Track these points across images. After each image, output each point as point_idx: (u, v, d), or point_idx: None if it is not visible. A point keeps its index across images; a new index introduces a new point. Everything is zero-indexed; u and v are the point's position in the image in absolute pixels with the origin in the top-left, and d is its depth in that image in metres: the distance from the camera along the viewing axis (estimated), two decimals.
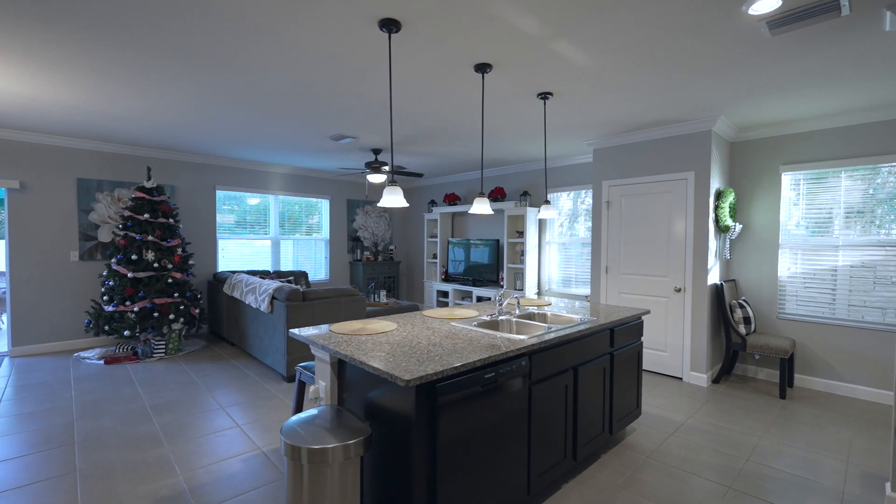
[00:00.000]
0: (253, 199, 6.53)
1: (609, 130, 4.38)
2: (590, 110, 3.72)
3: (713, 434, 3.04)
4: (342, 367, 2.03)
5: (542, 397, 2.13)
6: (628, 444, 2.85)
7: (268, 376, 4.18)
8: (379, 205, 2.29)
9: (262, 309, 4.24)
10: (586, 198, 5.72)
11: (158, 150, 5.56)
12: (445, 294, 7.17)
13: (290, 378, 4.00)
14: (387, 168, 5.32)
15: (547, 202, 3.39)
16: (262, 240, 6.64)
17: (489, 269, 6.49)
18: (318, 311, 4.16)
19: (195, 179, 5.96)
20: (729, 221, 4.11)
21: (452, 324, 2.47)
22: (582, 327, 2.40)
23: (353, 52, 2.59)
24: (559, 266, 6.07)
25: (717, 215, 4.07)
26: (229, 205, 6.32)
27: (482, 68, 2.79)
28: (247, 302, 4.59)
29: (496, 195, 6.39)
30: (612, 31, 2.33)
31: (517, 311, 2.83)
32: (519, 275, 6.20)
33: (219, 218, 6.21)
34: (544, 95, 3.31)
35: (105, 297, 4.72)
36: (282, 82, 3.12)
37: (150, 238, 4.84)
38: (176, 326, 4.89)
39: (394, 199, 2.27)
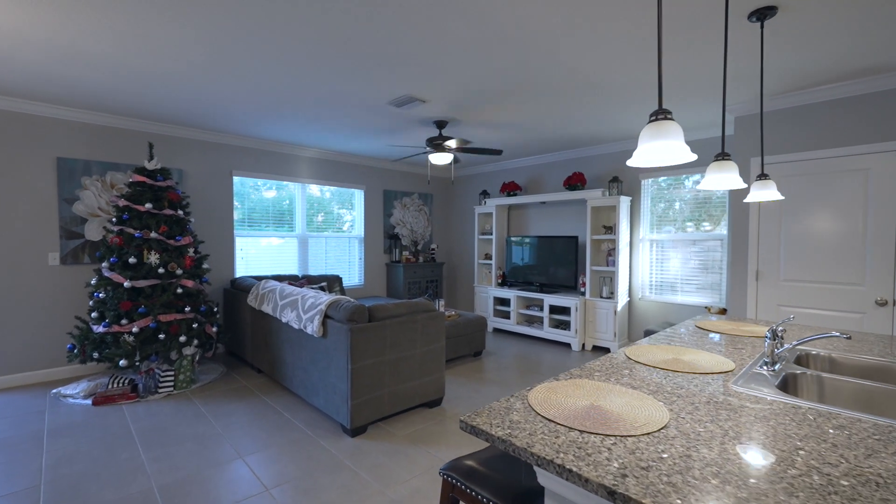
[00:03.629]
0: (270, 192, 5.35)
1: (777, 87, 3.24)
2: (797, 45, 2.57)
3: None
4: None
5: None
6: None
7: (320, 425, 3.02)
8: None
9: (309, 331, 3.08)
10: (687, 184, 4.58)
11: (161, 124, 4.38)
12: (505, 302, 6.02)
13: (355, 431, 2.84)
14: (453, 144, 4.17)
15: (764, 176, 2.23)
16: (287, 238, 5.47)
17: (564, 271, 5.34)
18: (391, 335, 3.00)
19: (207, 162, 4.78)
20: None
21: (735, 388, 1.32)
22: None
23: None
24: (653, 268, 4.93)
25: None
26: (248, 194, 5.14)
27: None
28: (284, 320, 3.43)
29: (574, 182, 5.24)
30: None
31: (778, 349, 1.69)
32: (606, 279, 5.06)
33: (236, 210, 5.04)
34: (763, 13, 2.16)
35: (94, 314, 3.55)
36: None
37: (153, 235, 3.67)
38: (188, 351, 3.72)
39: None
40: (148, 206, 3.69)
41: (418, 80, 3.15)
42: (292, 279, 5.12)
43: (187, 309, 3.77)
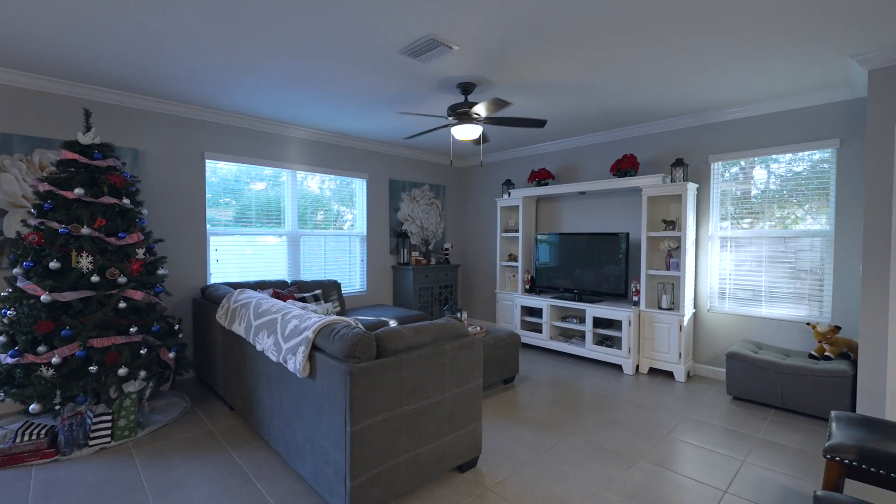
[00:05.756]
0: (257, 183, 4.40)
1: None
2: None
3: None
4: None
5: None
6: None
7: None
8: None
9: (290, 368, 2.13)
10: (769, 167, 3.61)
11: (108, 90, 3.43)
12: (535, 312, 5.06)
13: None
14: (482, 111, 3.22)
15: None
16: (275, 236, 4.52)
17: (610, 276, 4.39)
18: (410, 377, 2.05)
19: (172, 141, 3.83)
20: None
21: None
22: None
23: None
24: (726, 272, 3.97)
25: None
26: (227, 182, 4.19)
27: None
28: (259, 347, 2.48)
29: (625, 167, 4.29)
30: None
31: None
32: (667, 286, 4.10)
33: (210, 201, 4.08)
34: None
35: (2, 338, 2.61)
36: None
37: (84, 231, 2.72)
38: (131, 387, 2.77)
39: None
40: (78, 191, 2.74)
41: (446, 11, 2.20)
42: (279, 286, 4.18)
43: (133, 329, 2.82)
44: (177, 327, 3.22)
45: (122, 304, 2.78)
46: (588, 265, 4.57)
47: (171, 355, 3.01)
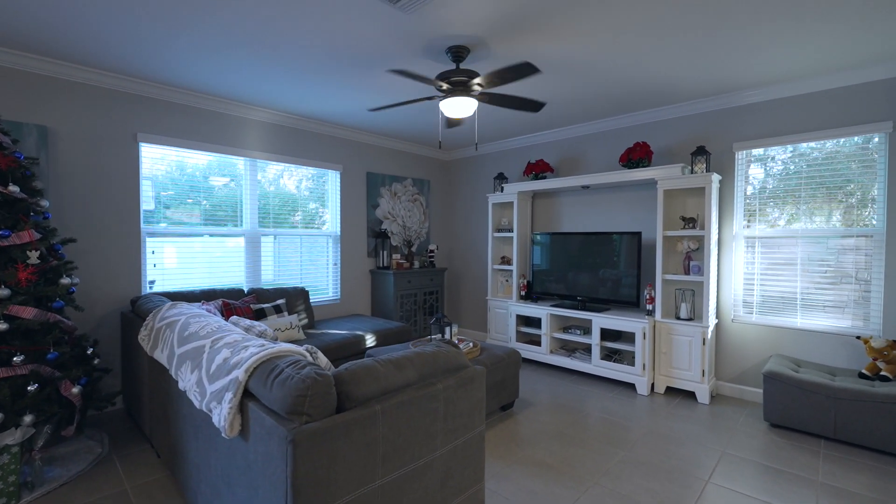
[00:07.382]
0: (220, 180, 3.70)
1: None
2: None
3: None
4: None
5: None
6: None
7: None
8: None
9: (215, 422, 1.48)
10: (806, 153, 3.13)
11: (4, 49, 2.70)
12: (533, 322, 4.49)
13: None
14: (479, 82, 2.62)
15: None
16: (230, 237, 3.82)
17: (619, 281, 3.85)
18: (387, 435, 1.42)
19: (95, 119, 3.11)
20: None
21: None
22: None
23: None
24: (754, 277, 3.47)
25: None
26: (167, 173, 3.48)
27: None
28: (181, 386, 1.82)
29: (638, 156, 3.76)
30: None
31: None
32: (686, 293, 3.57)
33: (146, 194, 3.37)
34: None
35: None
36: None
37: None
38: (9, 439, 2.06)
39: None
40: None
41: None
42: (233, 295, 3.49)
43: (18, 359, 2.11)
44: (90, 351, 2.52)
45: (2, 326, 2.08)
46: (593, 269, 4.02)
47: (76, 390, 2.30)
